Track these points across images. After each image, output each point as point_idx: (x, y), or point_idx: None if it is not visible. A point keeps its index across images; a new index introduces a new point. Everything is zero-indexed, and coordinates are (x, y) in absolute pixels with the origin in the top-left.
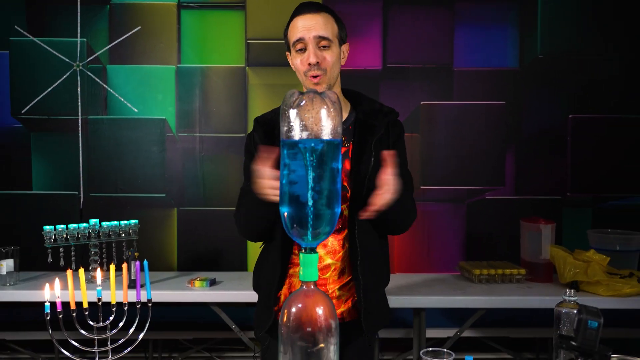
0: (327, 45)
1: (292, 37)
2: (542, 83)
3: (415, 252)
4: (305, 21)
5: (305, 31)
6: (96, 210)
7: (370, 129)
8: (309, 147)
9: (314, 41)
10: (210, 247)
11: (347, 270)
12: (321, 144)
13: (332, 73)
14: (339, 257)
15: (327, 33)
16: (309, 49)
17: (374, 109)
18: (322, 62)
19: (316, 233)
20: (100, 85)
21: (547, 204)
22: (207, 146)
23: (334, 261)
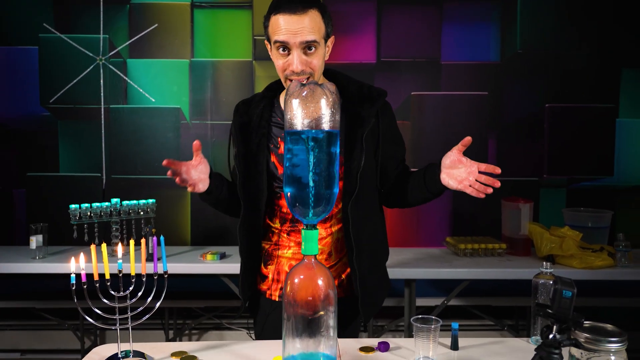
0: (314, 47)
1: (274, 35)
2: (521, 75)
3: (406, 228)
4: (291, 23)
5: (291, 35)
6: (117, 190)
7: (360, 121)
8: (310, 136)
9: (299, 46)
10: (220, 223)
11: (334, 253)
12: (322, 134)
13: (318, 74)
14: (325, 242)
15: (315, 36)
16: (294, 55)
17: (362, 94)
18: (308, 66)
19: (317, 211)
20: (120, 77)
21: (526, 184)
22: (217, 132)
23: (321, 247)
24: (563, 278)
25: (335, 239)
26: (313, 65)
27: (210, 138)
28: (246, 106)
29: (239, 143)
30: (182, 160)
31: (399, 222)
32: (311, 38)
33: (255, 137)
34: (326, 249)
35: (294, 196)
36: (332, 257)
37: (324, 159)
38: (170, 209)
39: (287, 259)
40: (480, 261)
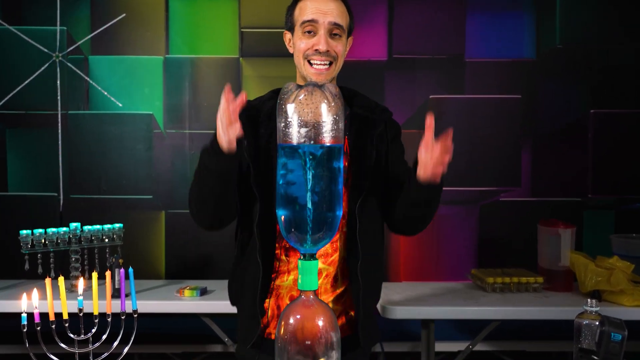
0: (339, 35)
1: (302, 17)
2: (560, 74)
3: (424, 258)
4: (321, 4)
5: (321, 14)
6: (77, 213)
7: (370, 123)
8: (308, 151)
9: (327, 27)
10: (201, 253)
11: (341, 278)
12: (321, 149)
13: (338, 65)
14: (331, 261)
15: (342, 21)
16: (320, 34)
17: (370, 105)
18: (332, 50)
19: (316, 238)
20: (81, 78)
21: (567, 206)
22: (197, 143)
23: (326, 266)
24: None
25: (342, 257)
26: (338, 50)
27: (189, 150)
28: (250, 104)
29: (248, 135)
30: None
31: (415, 251)
32: (339, 21)
33: (266, 130)
34: (332, 271)
35: (289, 220)
36: (339, 282)
37: (325, 175)
38: (140, 236)
39: (288, 289)
40: (512, 298)
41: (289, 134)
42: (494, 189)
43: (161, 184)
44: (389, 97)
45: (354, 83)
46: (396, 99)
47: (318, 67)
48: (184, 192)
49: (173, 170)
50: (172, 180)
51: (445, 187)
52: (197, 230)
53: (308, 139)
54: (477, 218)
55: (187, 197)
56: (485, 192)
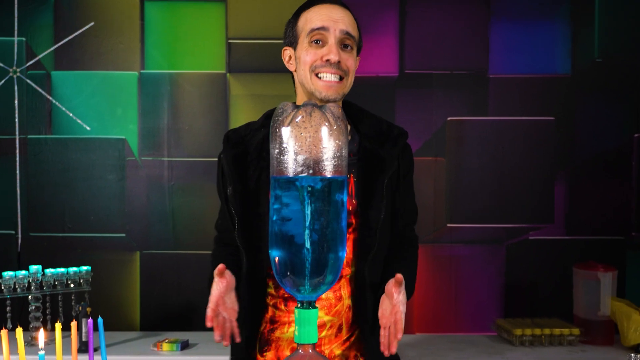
0: (350, 47)
1: (309, 25)
2: (600, 93)
3: (441, 306)
4: (332, 12)
5: (332, 22)
6: (38, 254)
7: (380, 164)
8: (306, 185)
9: (338, 36)
10: (182, 300)
11: (346, 326)
12: (322, 182)
13: (349, 80)
14: (335, 312)
15: (354, 32)
16: (330, 44)
17: (381, 131)
18: (344, 63)
19: (316, 283)
20: (43, 97)
21: (607, 246)
22: (177, 173)
23: (330, 317)
24: None
25: (346, 307)
26: (349, 64)
27: (168, 181)
28: (239, 135)
29: (234, 179)
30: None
31: (429, 297)
32: (351, 30)
33: (254, 172)
34: (336, 321)
35: (284, 262)
36: (344, 332)
37: (325, 210)
38: (111, 280)
39: (289, 341)
40: (545, 352)
41: (284, 162)
42: (522, 226)
43: (136, 220)
44: (401, 118)
45: (361, 101)
46: (409, 120)
47: (329, 79)
48: (161, 229)
49: (149, 205)
50: (148, 215)
51: (467, 224)
52: (178, 274)
53: (306, 168)
54: (503, 259)
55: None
56: (513, 229)
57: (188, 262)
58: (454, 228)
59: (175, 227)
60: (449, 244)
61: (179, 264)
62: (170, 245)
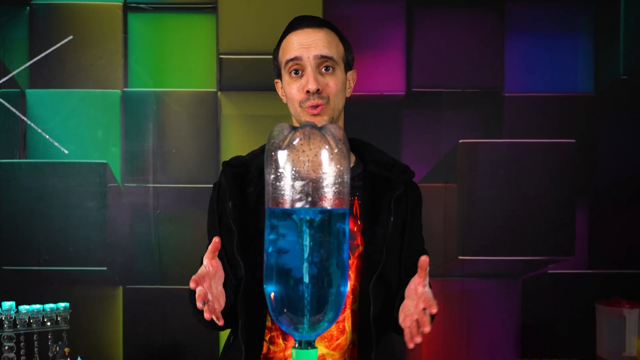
0: (331, 67)
1: (285, 56)
2: (625, 113)
3: (451, 346)
4: (302, 37)
5: (303, 49)
6: (11, 289)
7: (387, 183)
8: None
9: (313, 62)
10: (169, 339)
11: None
12: (321, 215)
13: (335, 103)
14: (337, 345)
15: (331, 52)
16: (308, 73)
17: (387, 161)
18: (325, 89)
19: (315, 320)
20: (16, 117)
21: (633, 280)
22: (164, 201)
23: (330, 351)
24: None
25: (349, 341)
26: (330, 89)
27: (154, 209)
28: (239, 160)
29: (233, 196)
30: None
31: (439, 335)
32: (327, 52)
33: (255, 189)
34: (337, 357)
35: (280, 298)
36: None
37: (326, 241)
38: (91, 318)
39: None
40: None
41: (280, 189)
42: (540, 259)
43: (118, 253)
44: (408, 140)
45: (365, 123)
46: (417, 143)
47: (314, 108)
48: (146, 261)
49: (133, 235)
50: (132, 247)
51: (480, 257)
52: (164, 311)
53: (305, 195)
54: (519, 295)
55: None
56: (530, 262)
57: (175, 298)
58: (466, 261)
59: (161, 260)
60: (460, 278)
61: (165, 300)
62: (156, 279)
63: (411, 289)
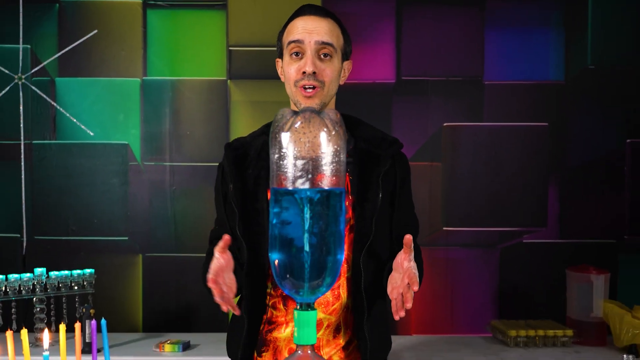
0: (329, 55)
1: (288, 37)
2: (593, 100)
3: (436, 308)
4: (307, 23)
5: (306, 34)
6: (42, 257)
7: (375, 159)
8: (305, 197)
9: (314, 47)
10: (184, 302)
11: (344, 328)
12: (319, 193)
13: (329, 89)
14: (332, 310)
15: (331, 40)
16: (307, 56)
17: (376, 136)
18: (321, 73)
19: (315, 285)
20: (47, 103)
21: (600, 249)
22: (179, 178)
23: (327, 315)
24: None
25: (344, 306)
26: (326, 74)
27: (170, 185)
28: (240, 142)
29: (234, 178)
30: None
31: (427, 300)
32: (327, 39)
33: (253, 171)
34: (333, 320)
35: (283, 265)
36: (342, 333)
37: (324, 214)
38: (114, 283)
39: (286, 342)
40: (538, 353)
41: (284, 167)
42: (516, 230)
43: (138, 224)
44: (397, 124)
45: (358, 109)
46: (406, 126)
47: (306, 90)
48: (163, 232)
49: (151, 209)
50: (151, 219)
51: (462, 228)
52: (180, 277)
53: (305, 173)
54: (497, 263)
55: (167, 238)
56: (507, 233)
57: (189, 265)
58: (450, 231)
59: (177, 231)
60: (444, 247)
61: (180, 267)
62: (172, 248)
63: (398, 262)
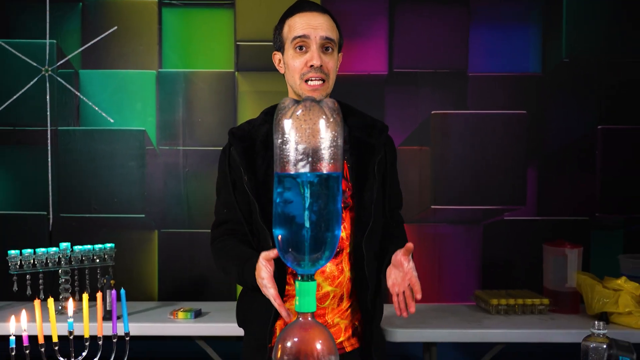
0: (331, 48)
1: (293, 33)
2: (568, 90)
3: (425, 279)
4: (311, 19)
5: (311, 29)
6: (67, 232)
7: (370, 149)
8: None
9: (319, 42)
10: (195, 274)
11: (346, 297)
12: (318, 176)
13: (332, 80)
14: (338, 283)
15: (333, 35)
16: (312, 50)
17: (366, 123)
18: (325, 66)
19: (314, 258)
20: (71, 93)
21: (574, 225)
22: (191, 161)
23: (333, 288)
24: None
25: (347, 278)
26: (329, 67)
27: (183, 168)
28: (243, 131)
29: (247, 171)
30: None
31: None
32: (330, 35)
33: (263, 162)
34: (338, 292)
35: (286, 239)
36: (344, 302)
37: (323, 194)
38: (132, 256)
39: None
40: (517, 320)
41: (286, 151)
42: (498, 208)
43: (154, 203)
44: (390, 112)
45: (354, 98)
46: (397, 114)
47: (313, 83)
48: (177, 211)
49: (166, 189)
50: (165, 198)
51: (449, 206)
52: (192, 251)
53: (306, 156)
54: (480, 238)
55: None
56: (489, 211)
57: (201, 240)
58: (437, 209)
59: (189, 209)
60: (432, 224)
61: (192, 242)
62: (185, 224)
63: (398, 260)
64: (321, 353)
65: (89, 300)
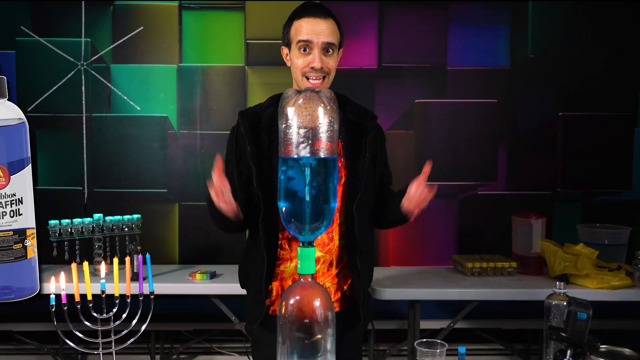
0: (331, 50)
1: (298, 36)
2: (533, 82)
3: (410, 246)
4: (315, 25)
5: (315, 35)
6: (100, 205)
7: (363, 129)
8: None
9: (320, 46)
10: (211, 240)
11: (336, 262)
12: (315, 161)
13: (331, 77)
14: (327, 249)
15: (334, 39)
16: (315, 53)
17: (360, 110)
18: (326, 66)
19: (314, 227)
20: (103, 84)
21: (538, 199)
22: (207, 143)
23: (323, 254)
24: (578, 299)
25: (337, 246)
26: (330, 66)
27: (200, 149)
28: (251, 111)
29: (251, 142)
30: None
31: (401, 239)
32: (331, 40)
33: (267, 137)
34: (328, 257)
35: (289, 211)
36: (334, 266)
37: (322, 172)
38: (156, 225)
39: (290, 274)
40: (489, 281)
41: (289, 134)
42: (472, 184)
43: (175, 179)
44: (379, 101)
45: (348, 89)
46: (385, 102)
47: (313, 82)
48: (195, 186)
49: (185, 167)
50: (185, 176)
51: (429, 182)
52: (208, 221)
53: (306, 139)
54: (457, 210)
55: (197, 190)
56: (465, 186)
57: None
58: None
59: (205, 185)
60: None
61: (208, 213)
62: (202, 198)
63: (419, 184)
64: (319, 309)
65: (119, 264)
